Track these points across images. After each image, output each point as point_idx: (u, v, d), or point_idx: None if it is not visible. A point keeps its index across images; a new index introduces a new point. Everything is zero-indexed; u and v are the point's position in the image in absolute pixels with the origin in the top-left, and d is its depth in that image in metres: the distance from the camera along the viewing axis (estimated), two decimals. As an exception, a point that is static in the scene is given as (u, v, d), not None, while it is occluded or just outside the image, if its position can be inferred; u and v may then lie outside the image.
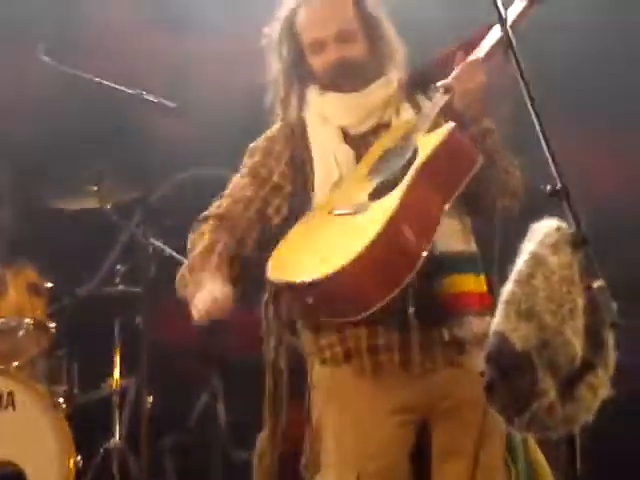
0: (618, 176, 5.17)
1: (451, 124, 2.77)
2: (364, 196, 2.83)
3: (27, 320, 4.51)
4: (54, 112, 5.37)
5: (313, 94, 3.09)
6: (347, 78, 3.00)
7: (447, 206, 2.78)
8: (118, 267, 4.74)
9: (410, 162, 2.77)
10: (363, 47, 3.01)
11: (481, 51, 2.83)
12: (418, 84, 3.11)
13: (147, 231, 4.70)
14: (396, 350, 2.82)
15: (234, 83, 5.18)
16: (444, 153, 2.74)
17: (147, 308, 4.63)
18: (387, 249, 2.59)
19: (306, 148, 3.11)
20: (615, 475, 5.00)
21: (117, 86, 4.73)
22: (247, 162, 3.12)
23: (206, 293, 2.79)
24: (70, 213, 4.83)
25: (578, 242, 2.39)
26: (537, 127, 2.44)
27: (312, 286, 2.65)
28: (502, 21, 2.56)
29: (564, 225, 2.40)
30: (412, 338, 2.80)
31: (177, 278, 3.04)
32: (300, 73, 3.11)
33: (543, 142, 2.40)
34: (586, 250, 2.38)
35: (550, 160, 2.42)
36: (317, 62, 3.03)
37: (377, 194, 2.78)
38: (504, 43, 2.58)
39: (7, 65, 5.55)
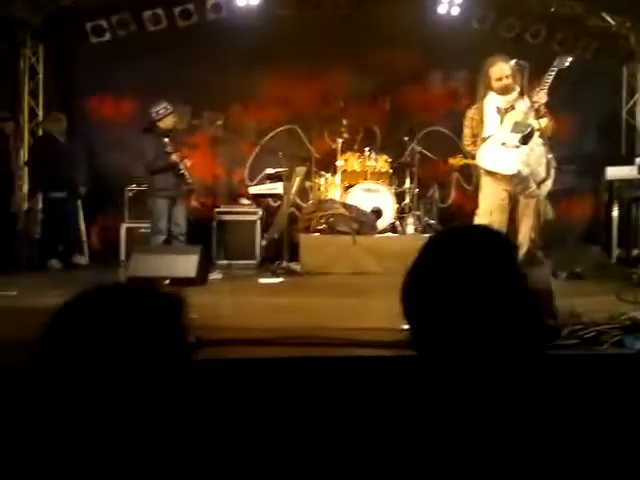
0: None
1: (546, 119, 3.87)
2: (517, 141, 3.87)
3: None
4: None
5: (492, 95, 4.01)
6: (508, 91, 3.98)
7: None
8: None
9: (532, 131, 3.88)
10: (513, 80, 3.96)
11: (544, 85, 3.89)
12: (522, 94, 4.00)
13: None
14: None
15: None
16: (545, 129, 3.92)
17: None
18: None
19: (483, 112, 4.04)
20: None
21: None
22: (467, 118, 4.16)
23: None
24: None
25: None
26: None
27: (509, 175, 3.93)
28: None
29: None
30: None
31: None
32: (486, 87, 4.03)
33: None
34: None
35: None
36: (498, 85, 3.99)
37: (522, 142, 3.88)
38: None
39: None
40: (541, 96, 3.85)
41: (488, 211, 3.98)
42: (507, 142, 3.85)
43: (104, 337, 0.81)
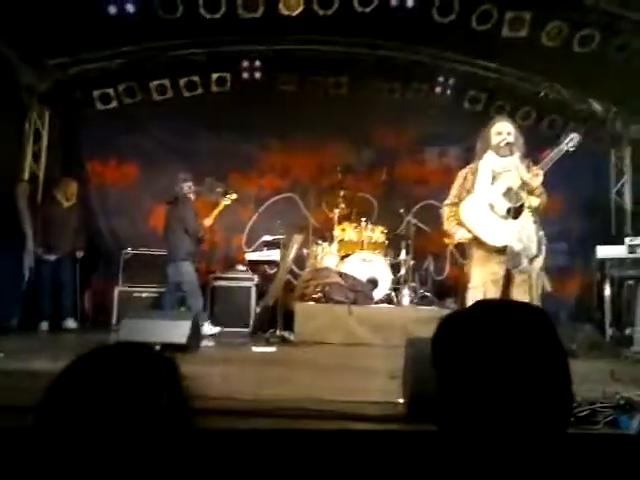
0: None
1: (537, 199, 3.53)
2: (505, 210, 3.50)
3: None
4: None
5: (489, 155, 3.63)
6: (507, 151, 3.57)
7: None
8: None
9: (522, 206, 3.52)
10: (515, 141, 3.60)
11: (544, 166, 3.50)
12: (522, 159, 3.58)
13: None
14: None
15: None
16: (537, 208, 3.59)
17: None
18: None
19: (477, 172, 3.69)
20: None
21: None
22: (459, 176, 3.80)
23: None
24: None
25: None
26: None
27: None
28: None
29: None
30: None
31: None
32: (486, 144, 3.67)
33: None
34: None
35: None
36: (498, 140, 3.59)
37: (511, 214, 3.51)
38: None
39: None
40: (539, 177, 3.58)
41: (481, 285, 3.73)
42: (495, 206, 3.58)
43: (107, 400, 0.81)
